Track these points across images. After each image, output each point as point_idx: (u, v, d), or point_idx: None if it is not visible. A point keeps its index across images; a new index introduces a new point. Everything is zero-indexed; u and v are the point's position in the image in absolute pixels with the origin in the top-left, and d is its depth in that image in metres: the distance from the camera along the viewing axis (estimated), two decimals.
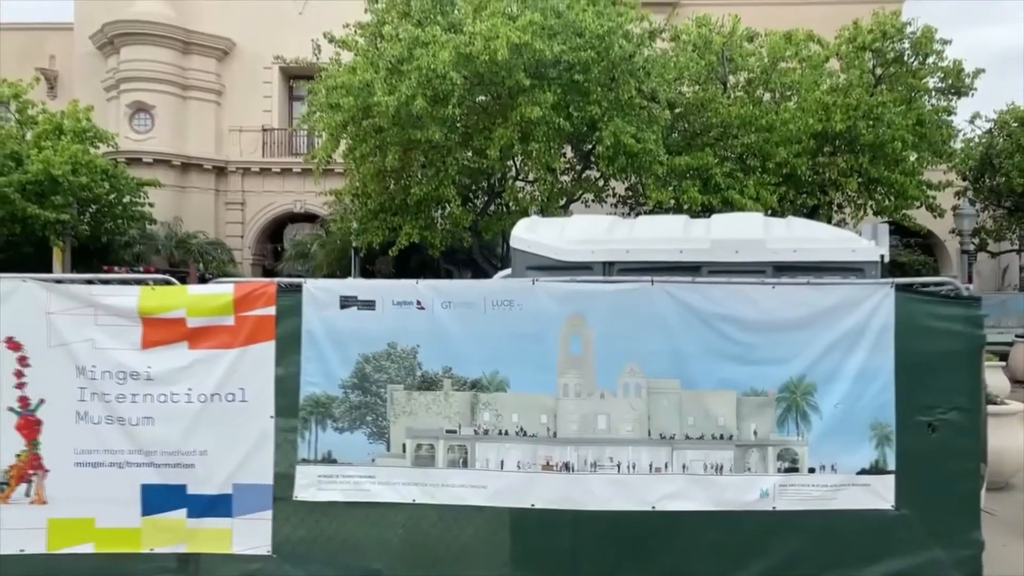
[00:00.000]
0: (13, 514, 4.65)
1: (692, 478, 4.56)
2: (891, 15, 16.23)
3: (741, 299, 4.57)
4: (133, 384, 4.71)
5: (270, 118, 24.88)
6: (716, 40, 15.85)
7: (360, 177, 15.22)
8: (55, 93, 27.58)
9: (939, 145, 16.70)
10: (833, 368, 4.55)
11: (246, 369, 4.73)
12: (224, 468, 4.70)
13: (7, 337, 4.67)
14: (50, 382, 4.68)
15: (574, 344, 4.60)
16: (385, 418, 4.70)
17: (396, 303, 4.74)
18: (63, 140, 16.22)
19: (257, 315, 4.76)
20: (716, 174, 14.86)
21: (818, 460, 4.55)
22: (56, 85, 28.49)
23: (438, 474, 4.66)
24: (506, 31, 12.59)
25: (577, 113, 14.02)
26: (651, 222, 6.78)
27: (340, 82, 13.40)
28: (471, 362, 4.67)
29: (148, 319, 4.72)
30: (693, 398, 4.55)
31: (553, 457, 4.60)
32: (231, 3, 24.71)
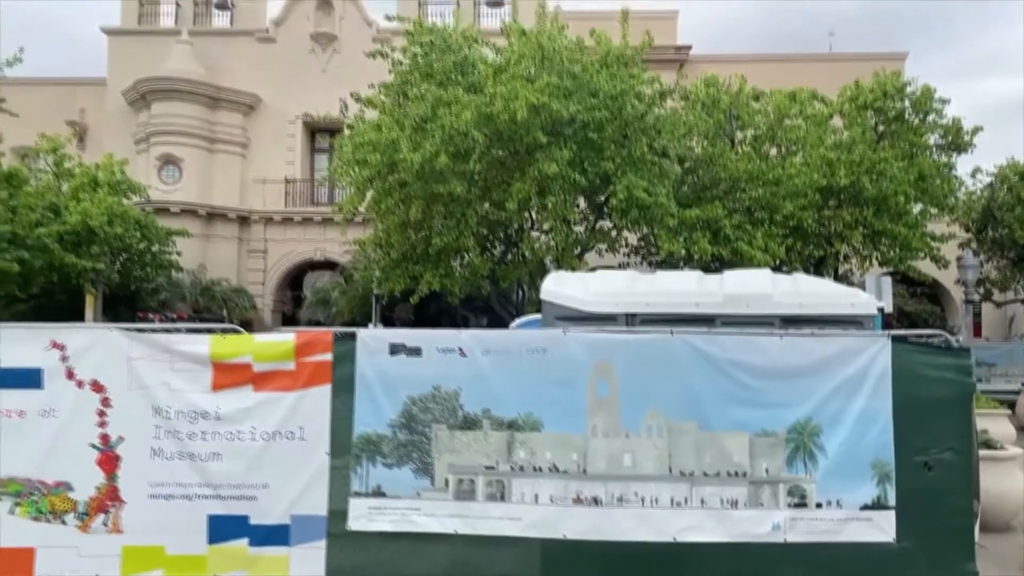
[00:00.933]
0: (91, 542, 5.12)
1: (710, 512, 5.00)
2: (891, 75, 16.98)
3: (752, 348, 5.08)
4: (203, 423, 5.22)
5: (293, 170, 25.78)
6: (724, 99, 16.61)
7: (384, 228, 15.88)
8: (84, 145, 28.61)
9: (941, 199, 17.27)
10: (837, 411, 5.03)
11: (305, 410, 5.24)
12: (283, 500, 5.18)
13: (92, 380, 5.20)
14: (129, 421, 5.19)
15: (601, 388, 5.10)
16: (430, 455, 5.18)
17: (440, 350, 5.27)
18: (99, 192, 17.00)
19: (315, 361, 5.29)
20: (725, 226, 15.45)
21: (825, 496, 4.99)
22: (86, 137, 29.58)
23: (478, 507, 5.13)
24: (525, 93, 13.34)
25: (591, 168, 14.70)
26: (668, 277, 7.32)
27: (368, 139, 14.14)
28: (508, 404, 5.16)
29: (218, 364, 5.25)
30: (710, 438, 5.03)
31: (583, 492, 5.06)
32: (258, 61, 25.87)
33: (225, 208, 24.77)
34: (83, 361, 5.19)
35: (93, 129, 28.87)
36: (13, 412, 5.13)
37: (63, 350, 5.19)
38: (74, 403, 5.16)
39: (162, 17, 27.18)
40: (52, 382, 5.17)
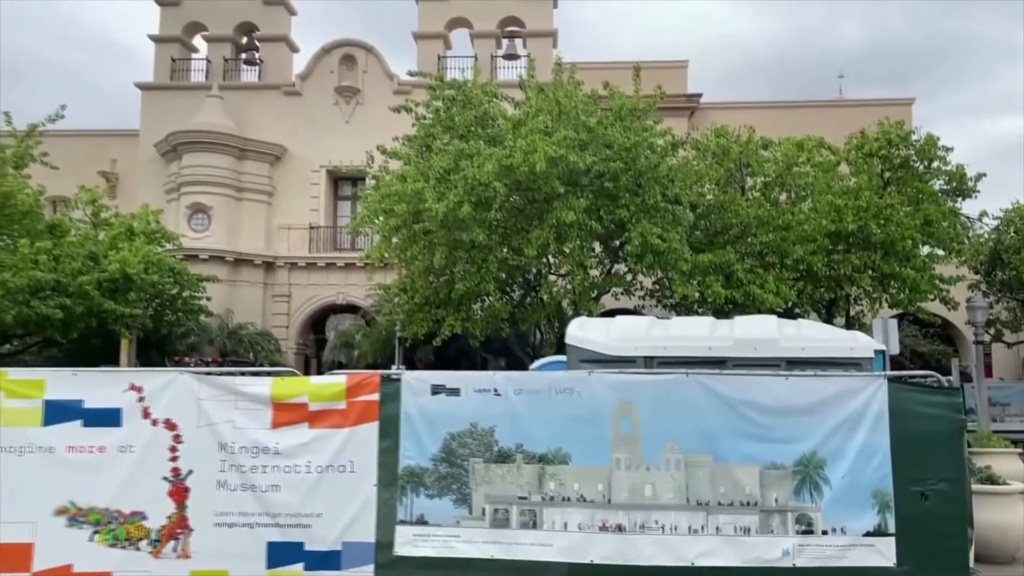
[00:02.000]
0: (163, 567, 5.66)
1: (724, 538, 5.49)
2: (896, 124, 17.60)
3: (760, 388, 5.61)
4: (264, 457, 5.79)
5: (316, 216, 26.64)
6: (733, 149, 17.28)
7: (408, 274, 16.53)
8: (115, 194, 29.69)
9: (948, 242, 17.75)
10: (839, 446, 5.53)
11: (355, 445, 5.80)
12: (336, 528, 5.71)
13: (166, 419, 5.79)
14: (197, 456, 5.77)
15: (624, 425, 5.63)
16: (468, 486, 5.71)
17: (477, 390, 5.83)
18: (136, 241, 17.81)
19: (364, 400, 5.86)
20: (737, 270, 15.97)
21: (830, 524, 5.46)
22: (116, 186, 30.70)
23: (512, 534, 5.63)
24: (543, 146, 14.06)
25: (607, 216, 15.34)
26: (683, 323, 7.87)
27: (394, 190, 14.87)
28: (539, 440, 5.70)
29: (278, 404, 5.84)
30: (723, 471, 5.53)
31: (608, 520, 5.56)
32: (284, 113, 26.95)
33: (251, 254, 25.59)
34: (158, 401, 5.79)
35: (124, 179, 29.97)
36: (95, 448, 5.71)
37: (140, 392, 5.80)
38: (149, 440, 5.74)
39: (193, 73, 28.40)
40: (130, 421, 5.76)
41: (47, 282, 15.32)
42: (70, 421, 5.72)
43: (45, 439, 5.68)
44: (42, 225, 16.89)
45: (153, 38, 28.06)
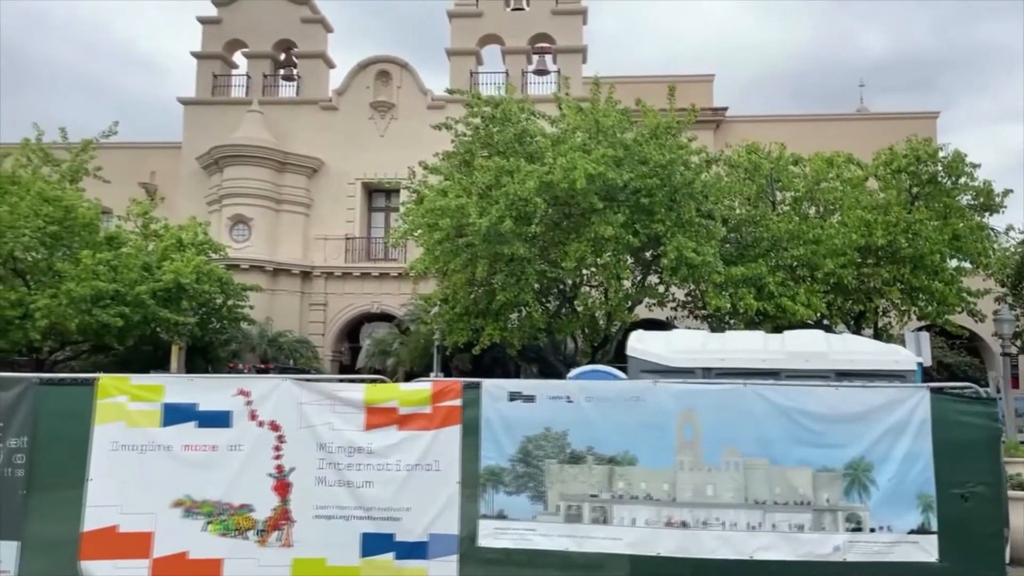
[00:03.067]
0: (268, 554, 6.26)
1: (780, 534, 6.00)
2: (924, 141, 18.03)
3: (812, 397, 6.14)
4: (358, 456, 6.38)
5: (352, 228, 27.39)
6: (765, 165, 17.79)
7: (450, 285, 17.16)
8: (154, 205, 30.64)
9: (976, 256, 18.12)
10: (885, 451, 6.03)
11: (440, 446, 6.38)
12: (423, 521, 6.28)
13: (271, 421, 6.41)
14: (299, 454, 6.37)
15: (687, 430, 6.17)
16: (543, 485, 6.27)
17: (551, 397, 6.40)
18: (187, 252, 18.58)
19: (448, 405, 6.45)
20: (769, 282, 16.45)
21: (877, 522, 5.97)
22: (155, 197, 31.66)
23: (584, 528, 6.18)
24: (583, 163, 14.65)
25: (643, 230, 15.89)
26: (737, 337, 8.41)
27: (438, 205, 15.51)
28: (608, 443, 6.25)
29: (370, 408, 6.44)
30: (779, 473, 6.05)
31: (673, 516, 6.10)
32: (321, 127, 27.77)
33: (289, 264, 26.37)
34: (263, 405, 6.41)
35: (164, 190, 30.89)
36: (208, 446, 6.34)
37: (248, 396, 6.42)
38: (256, 439, 6.36)
39: (233, 88, 29.29)
40: (239, 422, 6.38)
41: (108, 292, 16.08)
42: (186, 422, 6.34)
43: (164, 438, 6.31)
44: (100, 237, 17.68)
45: (195, 55, 29.01)
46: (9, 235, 15.50)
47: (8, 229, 15.51)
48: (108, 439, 6.27)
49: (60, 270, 16.03)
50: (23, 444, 6.19)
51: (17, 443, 6.18)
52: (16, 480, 6.14)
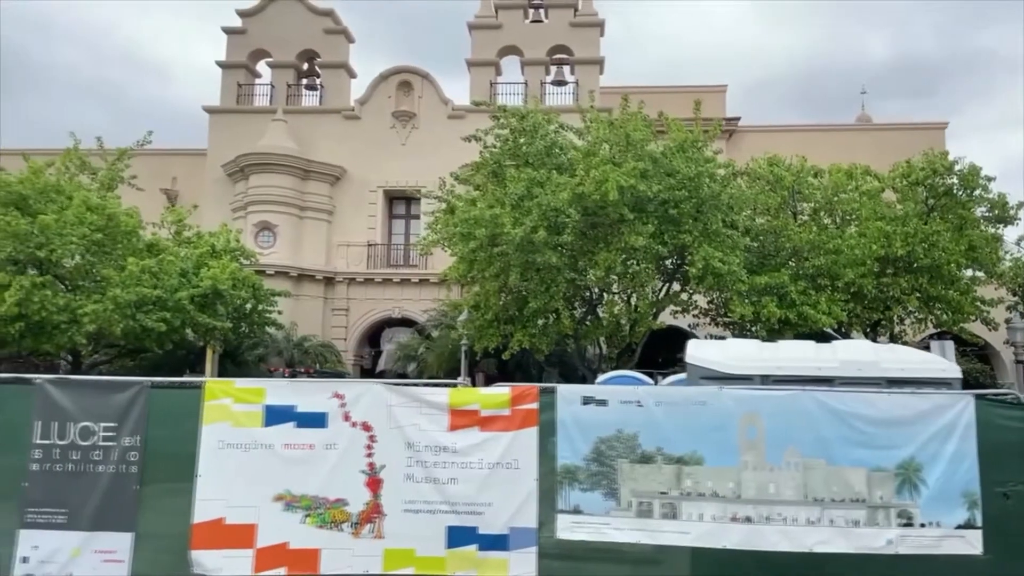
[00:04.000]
0: (361, 545, 6.76)
1: (837, 529, 6.51)
2: (940, 155, 18.58)
3: (865, 403, 6.65)
4: (443, 455, 6.89)
5: (374, 234, 27.93)
6: (786, 177, 18.33)
7: (482, 292, 17.68)
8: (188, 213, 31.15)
9: (990, 266, 18.66)
10: (934, 452, 6.54)
11: (518, 446, 6.88)
12: (504, 515, 6.78)
13: (363, 421, 6.91)
14: (388, 453, 6.87)
15: (750, 432, 6.68)
16: (616, 482, 6.77)
17: (622, 402, 6.91)
18: (223, 258, 19.11)
19: (526, 408, 6.96)
20: (791, 291, 16.98)
21: (927, 518, 6.47)
22: (176, 203, 32.18)
23: (655, 523, 6.68)
24: (615, 176, 15.19)
25: (671, 240, 16.43)
26: (790, 346, 8.93)
27: (473, 215, 16.04)
28: (677, 444, 6.75)
29: (454, 410, 6.95)
30: (836, 472, 6.56)
31: (738, 512, 6.60)
32: (344, 136, 28.34)
33: (313, 270, 26.90)
34: (356, 407, 6.92)
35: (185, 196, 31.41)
36: (306, 445, 6.84)
37: (342, 399, 6.93)
38: (349, 439, 6.86)
39: (256, 98, 29.86)
40: (334, 423, 6.89)
41: (151, 297, 16.60)
42: (286, 423, 6.85)
43: (266, 438, 6.81)
44: (141, 244, 18.20)
45: (220, 64, 29.58)
46: (57, 242, 16.00)
47: (56, 236, 16.01)
48: (215, 438, 6.77)
49: (105, 276, 16.53)
50: (136, 443, 6.69)
51: (131, 442, 6.68)
52: (130, 476, 6.65)
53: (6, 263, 15.90)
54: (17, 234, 15.58)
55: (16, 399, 6.80)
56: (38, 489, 6.61)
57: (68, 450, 6.66)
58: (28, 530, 6.57)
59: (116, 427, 6.70)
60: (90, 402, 6.74)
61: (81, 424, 6.68)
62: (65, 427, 6.68)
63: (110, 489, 6.61)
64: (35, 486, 6.62)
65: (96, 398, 6.77)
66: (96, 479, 6.63)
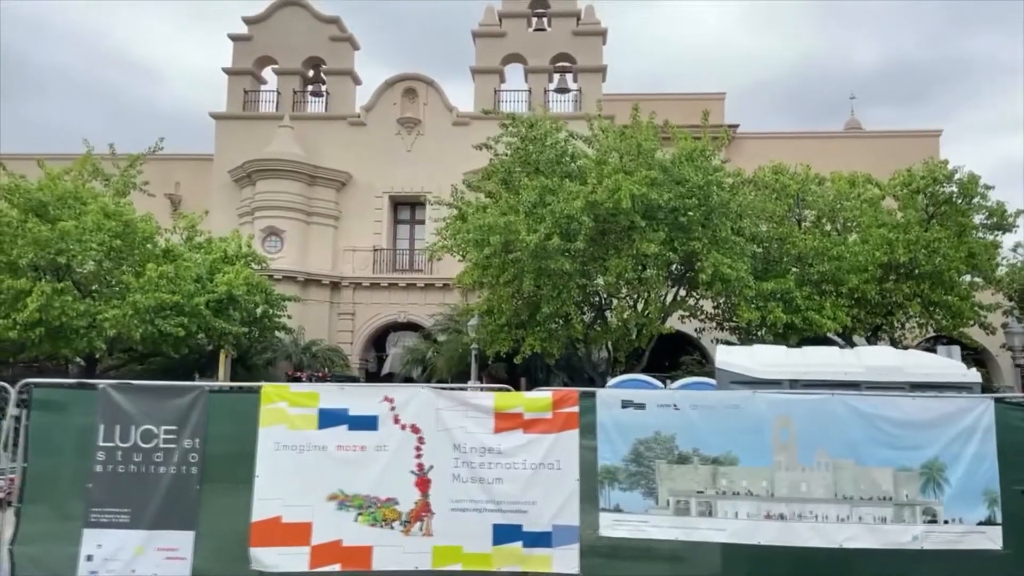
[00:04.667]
0: (411, 542, 7.06)
1: (865, 526, 6.86)
2: (940, 164, 19.07)
3: (891, 406, 7.01)
4: (489, 456, 7.20)
5: (379, 239, 28.23)
6: (792, 185, 18.76)
7: (496, 297, 17.99)
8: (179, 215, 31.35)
9: (989, 272, 19.14)
10: (956, 453, 6.90)
11: (560, 447, 7.20)
12: (547, 513, 7.10)
13: (412, 424, 7.22)
14: (436, 454, 7.18)
15: (782, 434, 7.03)
16: (654, 482, 7.10)
17: (659, 405, 7.24)
18: (237, 264, 19.37)
19: (567, 411, 7.28)
20: (797, 296, 17.40)
21: (950, 515, 6.83)
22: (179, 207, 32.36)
23: (692, 521, 7.01)
24: (628, 185, 15.56)
25: (681, 247, 16.81)
26: (815, 352, 9.30)
27: (488, 223, 16.36)
28: (712, 445, 7.09)
29: (499, 413, 7.27)
30: (864, 472, 6.91)
31: (771, 510, 6.94)
32: (350, 142, 28.64)
33: (319, 274, 27.18)
34: (405, 410, 7.22)
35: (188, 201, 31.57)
36: (358, 447, 7.14)
37: (392, 402, 7.23)
38: (400, 441, 7.17)
39: (262, 104, 30.10)
40: (384, 425, 7.19)
41: (169, 303, 16.84)
42: (338, 425, 7.14)
43: (320, 440, 7.11)
44: (158, 250, 18.44)
45: (226, 71, 29.82)
46: (77, 248, 16.23)
47: (76, 243, 16.24)
48: (272, 440, 7.06)
49: (124, 282, 16.76)
50: (196, 445, 6.98)
51: (191, 444, 6.97)
52: (191, 477, 6.93)
53: (27, 269, 16.11)
54: (38, 240, 15.79)
55: (80, 404, 7.08)
56: (102, 490, 6.88)
57: (131, 452, 6.94)
58: (92, 529, 6.84)
59: (177, 430, 6.98)
60: (151, 406, 7.02)
61: (143, 427, 6.96)
62: (128, 430, 6.96)
63: (172, 489, 6.89)
64: (99, 487, 6.88)
65: (157, 402, 7.05)
66: (158, 480, 6.91)
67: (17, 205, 16.25)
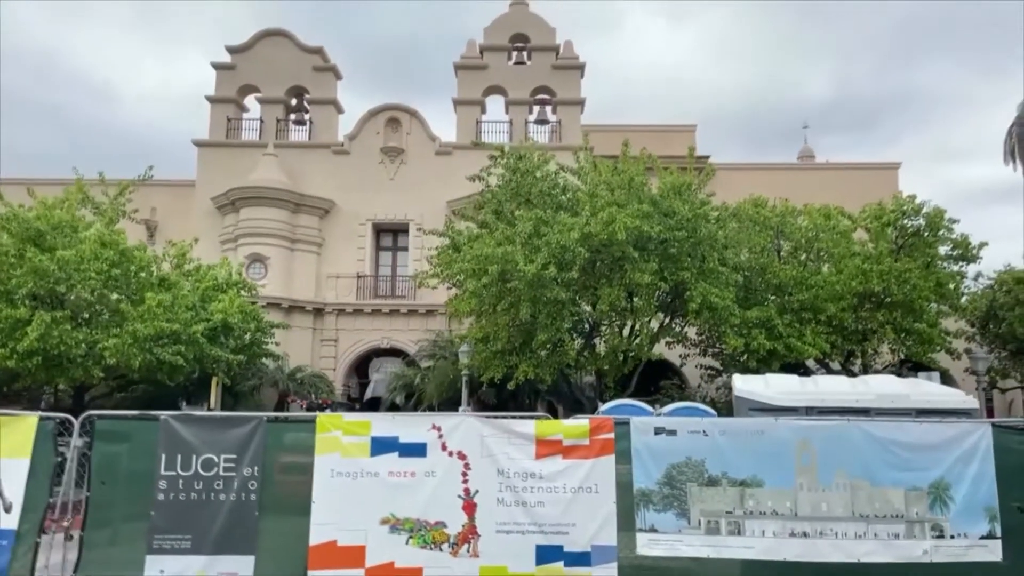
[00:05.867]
0: (459, 564, 7.45)
1: (880, 541, 7.46)
2: (908, 199, 20.19)
3: (902, 430, 7.66)
4: (531, 480, 7.65)
5: (363, 266, 28.50)
6: (772, 218, 19.68)
7: (492, 325, 18.41)
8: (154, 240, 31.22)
9: (955, 301, 20.24)
10: (959, 473, 7.57)
11: (598, 472, 7.69)
12: (586, 534, 7.56)
13: (459, 451, 7.64)
14: (482, 479, 7.60)
15: (804, 458, 7.62)
16: (686, 504, 7.62)
17: (689, 432, 7.79)
18: (230, 292, 19.52)
19: (603, 438, 7.78)
20: (778, 324, 18.20)
21: (956, 530, 7.47)
22: (156, 234, 32.22)
23: (722, 539, 7.54)
24: (622, 218, 16.23)
25: (671, 277, 17.51)
26: (827, 381, 9.98)
27: (486, 253, 16.85)
28: (739, 469, 7.65)
29: (540, 440, 7.74)
30: (878, 492, 7.53)
31: (795, 528, 7.51)
32: (334, 170, 28.97)
33: (303, 301, 27.31)
34: (452, 437, 7.65)
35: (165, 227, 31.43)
36: (408, 473, 7.54)
37: (439, 431, 7.66)
38: (447, 467, 7.58)
39: (244, 132, 30.28)
40: (432, 452, 7.60)
41: (167, 331, 16.94)
42: (390, 453, 7.53)
43: (372, 466, 7.48)
44: (153, 278, 18.52)
45: (209, 99, 29.97)
46: (76, 277, 16.27)
47: (75, 271, 16.29)
48: (327, 467, 7.42)
49: (122, 311, 16.82)
50: (255, 473, 7.30)
51: (250, 472, 7.29)
52: (251, 503, 7.24)
53: (25, 298, 16.10)
54: (38, 270, 15.81)
55: (141, 434, 7.35)
56: (164, 517, 7.15)
57: (192, 480, 7.23)
58: (155, 555, 7.09)
59: (236, 458, 7.30)
60: (212, 436, 7.33)
61: (204, 456, 7.26)
62: (189, 459, 7.25)
63: (232, 515, 7.19)
64: (161, 514, 7.16)
65: (217, 432, 7.37)
66: (219, 506, 7.21)
67: (15, 235, 16.23)
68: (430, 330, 25.60)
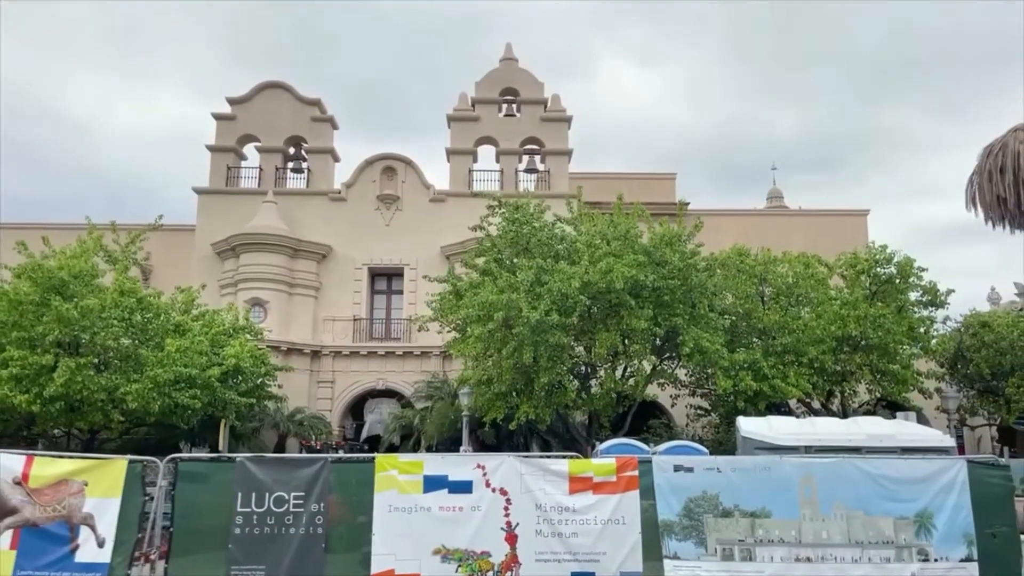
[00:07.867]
0: None
1: (874, 565, 8.47)
2: (880, 248, 21.65)
3: (890, 466, 8.73)
4: (565, 514, 8.58)
5: (359, 309, 29.34)
6: (756, 266, 20.99)
7: (495, 367, 19.30)
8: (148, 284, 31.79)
9: (926, 344, 21.61)
10: (941, 504, 8.63)
11: (624, 506, 8.64)
12: (615, 562, 8.48)
13: (500, 487, 8.56)
14: (522, 512, 8.52)
15: (806, 491, 8.65)
16: (703, 533, 8.59)
17: (705, 469, 8.80)
18: (240, 336, 20.26)
19: (629, 475, 8.75)
20: (764, 366, 19.36)
21: (938, 554, 8.51)
22: (150, 277, 32.83)
23: (736, 565, 8.50)
24: (619, 267, 17.38)
25: (664, 322, 18.64)
26: (821, 422, 11.04)
27: (491, 300, 17.85)
28: (750, 501, 8.64)
29: (573, 477, 8.69)
30: (871, 521, 8.56)
31: (800, 554, 8.50)
32: (331, 217, 29.94)
33: (301, 343, 28.02)
34: (495, 475, 8.57)
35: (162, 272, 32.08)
36: (456, 507, 8.43)
37: (483, 469, 8.58)
38: (490, 502, 8.49)
39: (243, 180, 31.20)
40: (477, 489, 8.51)
41: (185, 375, 17.64)
42: (440, 489, 8.43)
43: (425, 502, 8.37)
44: (170, 324, 19.23)
45: (210, 148, 30.90)
46: (100, 325, 16.97)
47: (98, 319, 16.99)
48: (385, 503, 8.29)
49: (142, 356, 17.51)
50: (321, 509, 8.15)
51: (317, 508, 8.13)
52: (318, 536, 8.07)
53: (51, 346, 16.73)
54: (62, 318, 16.48)
55: (219, 474, 8.18)
56: (240, 550, 7.95)
57: (265, 516, 8.06)
58: None
59: (304, 496, 8.14)
60: (282, 476, 8.18)
61: (276, 494, 8.10)
62: (262, 497, 8.09)
63: (301, 547, 8.02)
64: (238, 547, 7.96)
65: (287, 472, 8.22)
66: (289, 540, 8.03)
67: (39, 284, 16.91)
68: (425, 371, 26.42)
